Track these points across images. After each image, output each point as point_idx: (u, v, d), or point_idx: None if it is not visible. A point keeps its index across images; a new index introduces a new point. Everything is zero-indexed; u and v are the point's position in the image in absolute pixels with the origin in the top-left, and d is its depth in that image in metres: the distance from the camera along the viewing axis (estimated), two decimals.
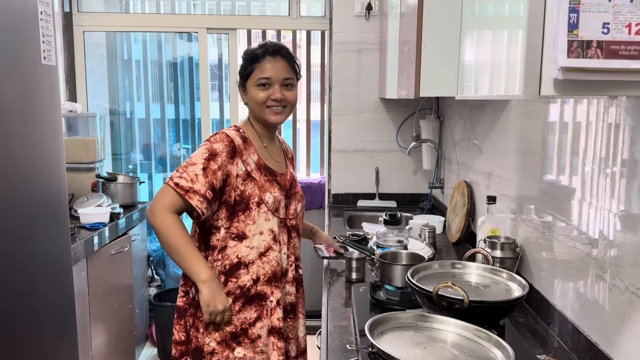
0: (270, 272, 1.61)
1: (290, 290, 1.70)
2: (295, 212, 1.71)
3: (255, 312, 1.60)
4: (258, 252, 1.59)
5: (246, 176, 1.57)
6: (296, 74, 1.66)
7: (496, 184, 2.02)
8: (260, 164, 1.61)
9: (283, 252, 1.66)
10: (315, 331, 2.91)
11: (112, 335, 2.70)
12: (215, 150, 1.53)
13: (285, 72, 1.61)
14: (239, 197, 1.56)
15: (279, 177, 1.66)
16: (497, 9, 1.31)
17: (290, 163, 1.81)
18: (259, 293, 1.60)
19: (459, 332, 1.17)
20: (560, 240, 1.46)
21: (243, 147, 1.59)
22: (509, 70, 1.07)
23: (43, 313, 1.72)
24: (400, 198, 3.16)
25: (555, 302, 1.47)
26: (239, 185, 1.56)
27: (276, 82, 1.60)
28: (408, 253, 1.67)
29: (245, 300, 1.59)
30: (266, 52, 1.60)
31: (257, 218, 1.58)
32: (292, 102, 1.64)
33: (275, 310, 1.62)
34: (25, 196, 1.61)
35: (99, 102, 3.58)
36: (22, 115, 1.58)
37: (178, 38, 3.84)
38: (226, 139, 1.56)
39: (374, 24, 3.03)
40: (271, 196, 1.60)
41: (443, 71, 1.73)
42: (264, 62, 1.59)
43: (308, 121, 3.89)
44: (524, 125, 1.75)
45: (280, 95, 1.60)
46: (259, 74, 1.59)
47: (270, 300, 1.61)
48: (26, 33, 1.56)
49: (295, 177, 1.79)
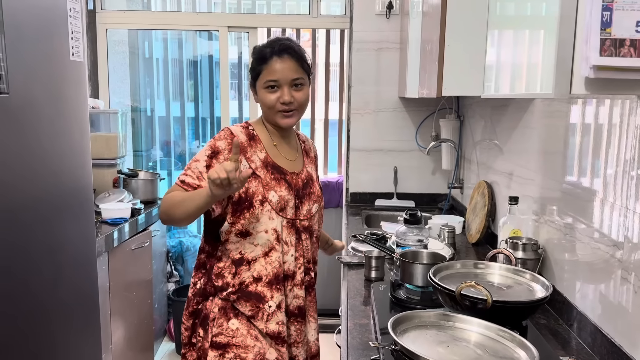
0: (272, 274, 1.55)
1: (298, 293, 1.62)
2: (309, 213, 1.64)
3: (249, 310, 1.54)
4: (262, 251, 1.55)
5: (250, 173, 1.51)
6: (307, 72, 1.59)
7: (517, 185, 2.00)
8: (267, 162, 1.57)
9: (290, 253, 1.59)
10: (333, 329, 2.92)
11: (132, 329, 2.73)
12: (218, 148, 1.52)
13: (293, 73, 1.54)
14: (243, 195, 1.53)
15: (289, 176, 1.60)
16: (526, 8, 1.30)
17: (311, 163, 1.76)
18: (257, 293, 1.54)
19: (482, 332, 1.16)
20: (583, 241, 1.44)
21: (247, 145, 1.55)
22: (539, 68, 1.06)
23: (68, 305, 1.75)
24: (418, 198, 3.15)
25: (577, 304, 1.46)
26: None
27: (285, 84, 1.54)
28: (429, 252, 1.67)
29: (242, 294, 1.54)
30: (273, 52, 1.53)
31: (260, 216, 1.53)
32: (303, 102, 1.58)
33: (274, 315, 1.56)
34: (53, 191, 1.64)
35: (120, 99, 3.63)
36: (50, 111, 1.61)
37: (198, 37, 3.88)
38: (229, 136, 1.54)
39: (395, 23, 3.03)
40: (276, 195, 1.54)
41: (466, 70, 1.73)
42: (272, 63, 1.53)
43: (326, 120, 3.89)
44: (547, 126, 1.73)
45: (289, 98, 1.54)
46: (266, 75, 1.54)
47: (269, 304, 1.55)
48: (56, 29, 1.59)
49: (314, 176, 1.73)
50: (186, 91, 3.94)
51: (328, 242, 1.98)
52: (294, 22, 3.50)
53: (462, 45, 1.78)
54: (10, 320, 1.48)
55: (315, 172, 1.77)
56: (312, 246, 1.68)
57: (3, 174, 1.43)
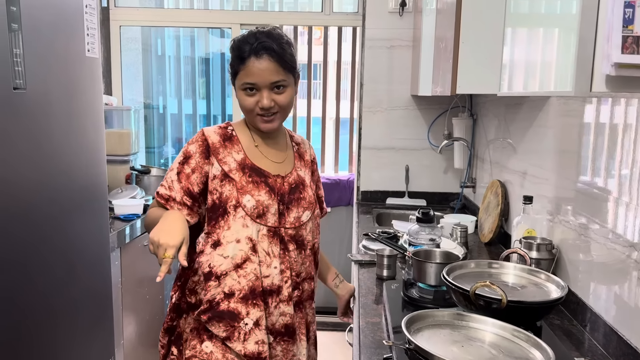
0: (247, 288, 1.39)
1: (285, 310, 1.45)
2: (298, 221, 1.48)
3: (223, 331, 1.38)
4: (233, 263, 1.39)
5: (223, 177, 1.41)
6: (291, 71, 1.42)
7: (531, 184, 1.98)
8: (244, 164, 1.44)
9: (273, 266, 1.43)
10: (344, 327, 2.92)
11: (143, 325, 2.75)
12: (189, 153, 1.43)
13: (273, 75, 1.38)
14: (217, 200, 1.41)
15: (272, 179, 1.45)
16: (545, 5, 1.28)
17: (306, 167, 1.59)
18: (231, 311, 1.38)
19: (497, 332, 1.15)
20: (599, 242, 1.43)
21: (220, 146, 1.44)
22: (558, 66, 1.05)
23: (82, 301, 1.77)
24: (430, 197, 3.14)
25: (592, 305, 1.44)
26: (217, 188, 1.41)
27: (264, 87, 1.39)
28: (442, 251, 1.66)
29: (213, 315, 1.39)
30: (251, 51, 1.37)
31: (232, 223, 1.39)
32: (285, 105, 1.43)
33: (252, 333, 1.39)
34: (68, 187, 1.66)
35: (133, 96, 3.65)
36: (66, 108, 1.62)
37: (210, 34, 3.88)
38: (200, 138, 1.44)
39: (408, 20, 3.01)
40: (252, 199, 1.40)
41: (482, 68, 1.71)
42: (249, 63, 1.37)
43: (337, 118, 3.88)
44: (563, 125, 1.72)
45: (269, 103, 1.39)
46: (244, 77, 1.39)
47: (245, 322, 1.39)
48: (72, 25, 1.60)
49: (307, 181, 1.55)
50: (198, 88, 3.95)
51: (336, 280, 1.76)
52: (306, 19, 3.50)
53: (478, 42, 1.76)
54: (25, 316, 1.49)
55: (309, 177, 1.59)
56: (304, 259, 1.50)
57: (19, 171, 1.44)
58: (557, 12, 1.13)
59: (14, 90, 1.39)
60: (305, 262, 1.52)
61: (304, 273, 1.52)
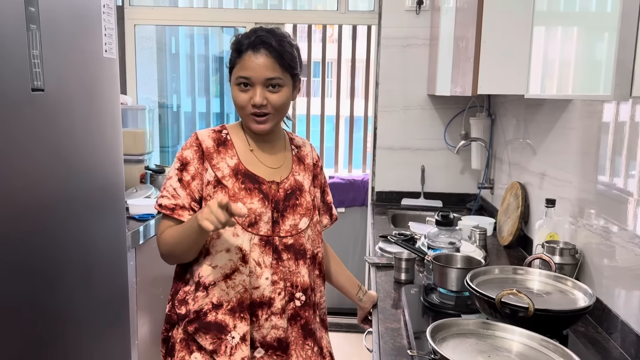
0: (235, 300, 1.35)
1: (277, 323, 1.38)
2: (295, 229, 1.41)
3: (210, 344, 1.34)
4: (222, 274, 1.35)
5: (216, 183, 1.37)
6: (289, 71, 1.36)
7: (552, 186, 1.94)
8: (238, 169, 1.38)
9: (264, 277, 1.36)
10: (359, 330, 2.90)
11: (157, 325, 2.74)
12: (186, 159, 1.38)
13: (268, 71, 1.32)
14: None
15: (265, 186, 1.39)
16: (580, 4, 1.24)
17: (305, 171, 1.51)
18: (218, 323, 1.34)
19: (524, 342, 1.12)
20: (624, 246, 1.39)
21: (214, 150, 1.39)
22: (594, 68, 1.01)
23: (100, 301, 1.76)
24: (446, 198, 3.10)
25: (619, 312, 1.41)
26: (210, 194, 1.37)
27: (258, 83, 1.33)
28: (463, 256, 1.62)
29: (200, 326, 1.34)
30: (249, 44, 1.33)
31: (222, 232, 1.34)
32: (279, 106, 1.36)
33: (238, 348, 1.34)
34: (87, 187, 1.65)
35: (148, 95, 3.65)
36: (84, 108, 1.61)
37: (224, 33, 3.87)
38: (195, 143, 1.39)
39: (425, 19, 2.97)
40: (244, 208, 1.29)
41: (506, 68, 1.67)
42: (245, 57, 1.33)
43: (351, 117, 3.86)
44: (586, 126, 1.68)
45: (261, 100, 1.33)
46: (238, 70, 1.34)
47: (232, 335, 1.34)
48: (90, 26, 1.59)
49: (306, 187, 1.47)
50: (211, 87, 3.95)
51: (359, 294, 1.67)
52: (321, 18, 3.47)
53: (501, 42, 1.72)
54: (44, 317, 1.49)
55: (309, 181, 1.50)
56: (302, 269, 1.42)
57: (38, 171, 1.43)
58: (593, 12, 1.10)
59: (33, 92, 1.38)
60: (304, 272, 1.43)
61: (300, 284, 1.42)
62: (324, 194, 1.59)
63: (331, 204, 1.62)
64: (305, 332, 1.45)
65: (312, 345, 1.47)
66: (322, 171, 1.59)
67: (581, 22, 1.22)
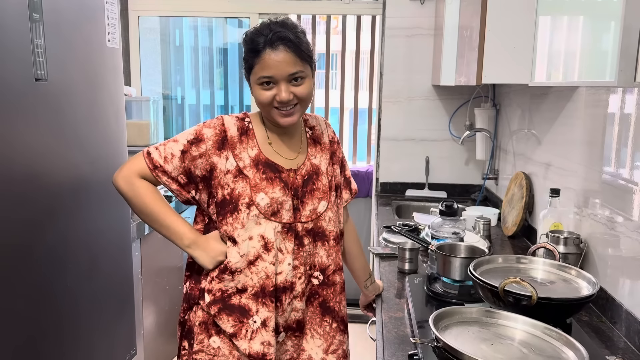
0: (259, 286, 1.37)
1: (297, 306, 1.42)
2: (314, 213, 1.42)
3: (232, 327, 1.37)
4: (247, 260, 1.37)
5: (237, 173, 1.36)
6: (308, 62, 1.35)
7: (557, 176, 1.94)
8: (259, 159, 1.39)
9: (287, 262, 1.39)
10: (363, 319, 2.90)
11: (163, 315, 2.76)
12: (203, 136, 1.37)
13: (290, 67, 1.31)
14: (228, 196, 1.36)
15: (285, 174, 1.40)
16: None
17: (322, 151, 1.50)
18: (242, 306, 1.37)
19: (527, 330, 1.12)
20: (631, 236, 1.38)
21: (237, 140, 1.38)
22: (598, 55, 1.00)
23: (104, 292, 1.77)
24: (450, 188, 3.10)
25: (623, 301, 1.40)
26: (229, 183, 1.36)
27: (281, 80, 1.32)
28: (466, 245, 1.62)
29: (224, 306, 1.38)
30: (266, 42, 1.30)
31: (246, 222, 1.35)
32: (305, 97, 1.36)
33: (258, 332, 1.37)
34: (91, 178, 1.65)
35: (152, 86, 3.65)
36: (88, 98, 1.61)
37: (228, 24, 3.86)
38: (219, 127, 1.38)
39: (429, 8, 2.95)
40: (266, 197, 1.35)
41: (510, 57, 1.66)
42: (265, 56, 1.30)
43: (355, 109, 3.85)
44: (591, 116, 1.66)
45: (287, 96, 1.32)
46: (259, 71, 1.32)
47: (254, 319, 1.37)
48: (92, 16, 1.59)
49: (322, 169, 1.47)
50: (215, 79, 3.94)
51: (367, 281, 1.67)
52: (325, 8, 3.45)
53: (505, 31, 1.71)
54: (49, 308, 1.50)
55: (326, 161, 1.50)
56: (320, 250, 1.45)
57: (42, 161, 1.44)
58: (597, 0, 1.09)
59: (36, 81, 1.38)
60: (331, 253, 1.47)
61: (319, 265, 1.45)
62: (342, 168, 1.57)
63: (350, 178, 1.61)
64: (323, 310, 1.47)
65: (331, 322, 1.49)
66: (339, 146, 1.57)
67: (588, 11, 1.21)
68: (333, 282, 1.48)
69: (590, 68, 1.10)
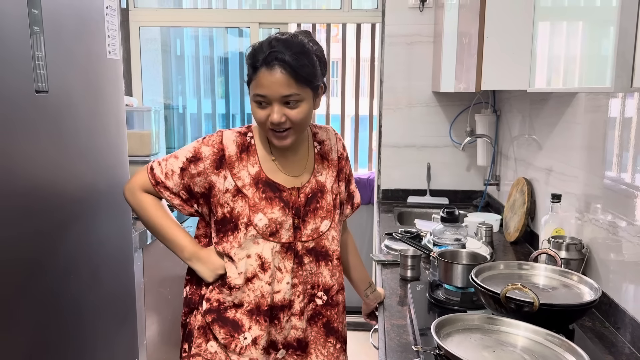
0: (254, 303, 1.37)
1: (297, 324, 1.41)
2: (316, 232, 1.40)
3: (223, 338, 1.37)
4: (245, 277, 1.37)
5: (236, 192, 1.34)
6: (308, 85, 1.29)
7: (558, 182, 1.93)
8: (259, 178, 1.36)
9: (285, 281, 1.37)
10: (366, 327, 2.90)
11: (166, 325, 2.76)
12: (201, 154, 1.36)
13: (284, 88, 1.25)
14: (228, 215, 1.35)
15: (286, 193, 1.37)
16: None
17: (329, 167, 1.47)
18: (235, 321, 1.37)
19: (529, 336, 1.12)
20: (633, 241, 1.38)
21: (236, 159, 1.36)
22: (595, 61, 1.01)
23: (106, 302, 1.77)
24: (452, 195, 3.10)
25: (627, 306, 1.40)
26: (229, 202, 1.35)
27: (274, 101, 1.27)
28: (468, 252, 1.62)
29: (218, 317, 1.38)
30: (263, 61, 1.26)
31: (242, 241, 1.35)
32: (298, 122, 1.30)
33: (247, 349, 1.36)
34: (92, 188, 1.66)
35: (153, 96, 3.66)
36: (88, 109, 1.62)
37: (228, 34, 3.88)
38: (217, 145, 1.36)
39: (428, 16, 2.96)
40: (264, 218, 1.33)
41: (508, 63, 1.67)
42: (260, 74, 1.26)
43: (356, 116, 3.86)
44: (591, 121, 1.66)
45: (279, 118, 1.27)
46: (254, 88, 1.29)
47: (245, 336, 1.37)
48: (93, 27, 1.60)
49: (327, 187, 1.44)
50: (216, 88, 3.96)
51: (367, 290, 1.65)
52: (325, 17, 3.47)
53: (504, 37, 1.72)
54: (50, 317, 1.50)
55: (332, 179, 1.47)
56: (323, 270, 1.43)
57: (43, 173, 1.44)
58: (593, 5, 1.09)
59: (37, 93, 1.39)
60: (335, 273, 1.45)
61: (321, 284, 1.43)
62: (348, 183, 1.55)
63: (354, 192, 1.58)
64: (327, 330, 1.46)
65: (335, 343, 1.48)
66: (347, 162, 1.54)
67: (586, 17, 1.21)
68: (337, 303, 1.48)
69: (590, 74, 1.10)
